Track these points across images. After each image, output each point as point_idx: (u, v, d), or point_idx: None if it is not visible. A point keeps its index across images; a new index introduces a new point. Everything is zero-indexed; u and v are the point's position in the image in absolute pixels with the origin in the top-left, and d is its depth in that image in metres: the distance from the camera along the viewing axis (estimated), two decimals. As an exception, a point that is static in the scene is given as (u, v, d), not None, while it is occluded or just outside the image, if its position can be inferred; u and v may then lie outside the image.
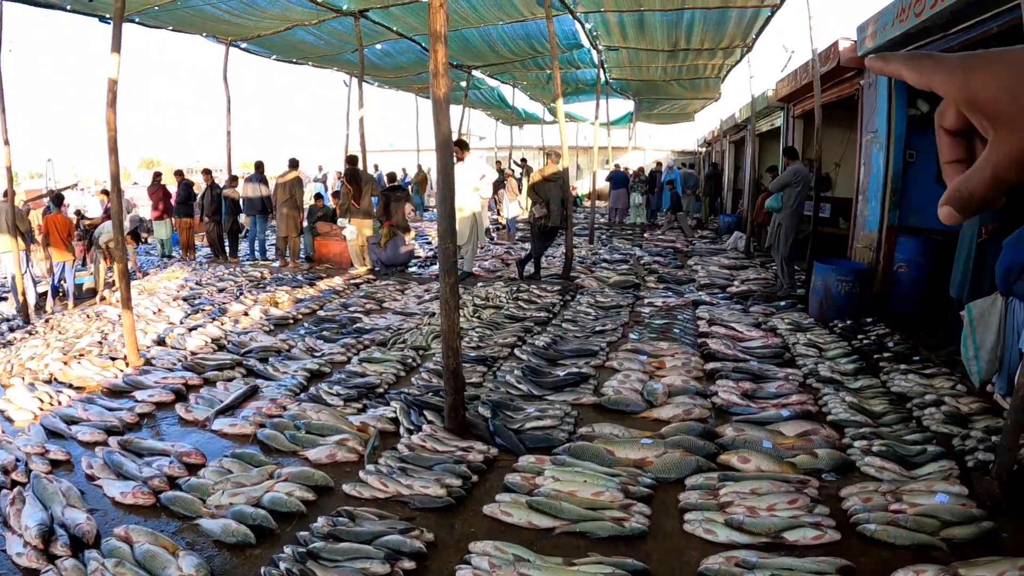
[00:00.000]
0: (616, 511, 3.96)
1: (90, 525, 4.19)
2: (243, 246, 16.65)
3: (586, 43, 16.05)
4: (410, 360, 7.14)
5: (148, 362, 7.62)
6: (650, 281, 11.49)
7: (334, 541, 3.78)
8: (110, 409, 6.26)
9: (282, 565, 3.59)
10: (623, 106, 28.86)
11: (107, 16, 12.06)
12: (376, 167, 27.69)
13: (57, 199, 13.10)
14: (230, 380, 6.79)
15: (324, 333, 8.29)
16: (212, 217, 15.45)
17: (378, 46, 16.18)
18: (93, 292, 12.80)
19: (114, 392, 6.81)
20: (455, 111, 22.49)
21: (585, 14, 13.62)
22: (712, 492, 4.15)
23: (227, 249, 15.62)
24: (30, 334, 10.18)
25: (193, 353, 7.83)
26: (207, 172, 15.89)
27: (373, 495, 4.38)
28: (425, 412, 5.53)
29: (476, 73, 20.76)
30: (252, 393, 6.30)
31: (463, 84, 21.23)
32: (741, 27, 13.70)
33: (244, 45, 15.72)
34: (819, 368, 6.50)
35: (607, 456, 4.65)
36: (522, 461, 4.66)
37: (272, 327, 8.89)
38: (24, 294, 11.28)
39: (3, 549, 4.24)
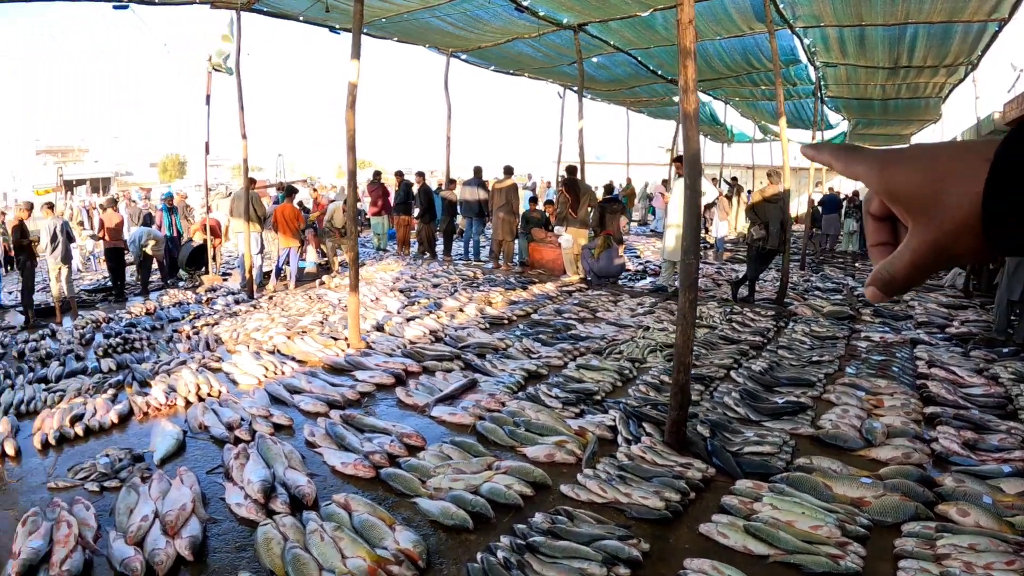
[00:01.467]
0: (832, 547, 3.75)
1: (310, 488, 4.44)
2: (457, 246, 17.23)
3: (804, 59, 15.42)
4: (627, 371, 7.06)
5: (368, 345, 8.08)
6: (865, 314, 10.78)
7: (553, 538, 3.78)
8: (332, 384, 6.70)
9: (499, 553, 3.64)
10: (837, 127, 27.41)
11: (336, 27, 13.03)
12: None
13: (289, 190, 14.27)
14: (448, 371, 7.02)
15: (540, 336, 8.41)
16: (422, 217, 16.27)
17: (594, 59, 16.32)
18: (312, 277, 13.70)
19: (335, 369, 7.30)
20: (669, 126, 22.21)
21: (804, 29, 13.11)
22: (929, 542, 3.84)
23: (439, 248, 16.22)
24: (254, 308, 11.08)
25: (412, 342, 8.19)
26: (420, 175, 16.67)
27: (590, 499, 4.36)
28: (644, 424, 5.45)
29: None
30: (471, 386, 6.48)
31: (676, 99, 20.87)
32: (966, 43, 12.62)
33: (464, 56, 16.36)
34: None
35: (824, 491, 4.41)
36: (740, 484, 4.49)
37: (487, 325, 9.14)
38: (251, 272, 12.28)
39: (223, 498, 4.58)
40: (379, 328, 9.00)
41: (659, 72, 17.53)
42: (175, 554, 3.87)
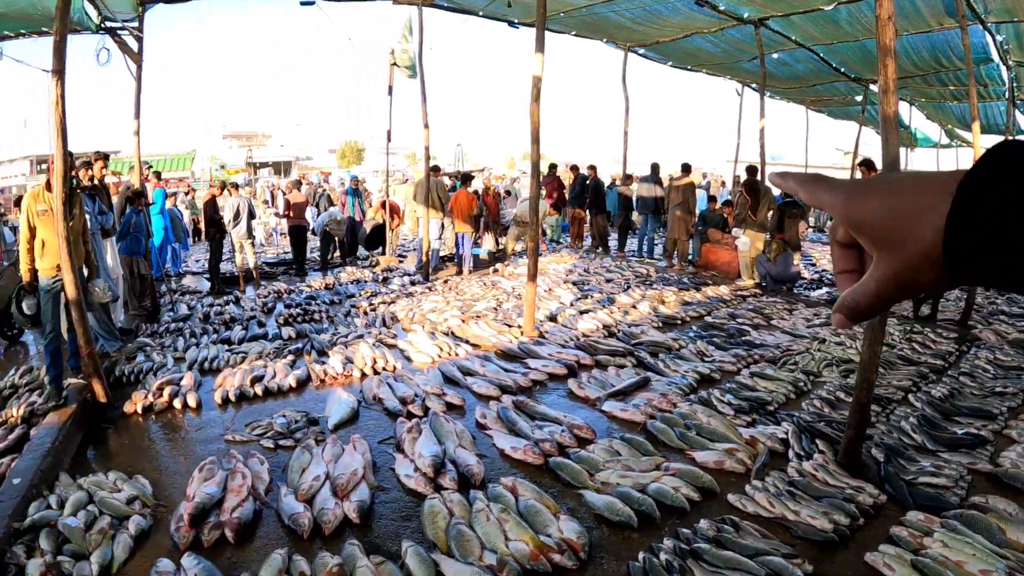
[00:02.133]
0: None
1: (479, 468, 4.51)
2: (631, 242, 17.12)
3: (996, 58, 14.04)
4: (801, 384, 6.74)
5: (541, 335, 8.14)
6: None
7: (717, 546, 3.65)
8: (505, 370, 6.79)
9: (662, 555, 3.56)
10: None
11: (516, 21, 13.12)
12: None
13: (465, 178, 14.63)
14: (621, 367, 6.94)
15: (714, 340, 8.19)
16: (591, 210, 16.22)
17: (775, 55, 15.56)
18: (486, 264, 13.94)
19: (508, 355, 7.40)
20: (851, 127, 21.01)
21: (997, 24, 11.96)
22: None
23: (612, 244, 16.13)
24: (429, 290, 11.43)
25: (584, 335, 8.16)
26: (592, 168, 16.61)
27: (756, 511, 4.18)
28: (817, 441, 5.17)
29: (874, 88, 19.02)
30: (643, 384, 6.38)
31: (858, 99, 19.79)
32: None
33: (642, 51, 16.11)
34: None
35: (998, 534, 3.99)
36: (910, 516, 4.15)
37: (660, 324, 8.98)
38: (428, 255, 12.68)
39: (392, 468, 4.74)
40: (552, 318, 9.04)
41: (842, 70, 16.56)
42: (342, 515, 4.06)
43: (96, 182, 8.52)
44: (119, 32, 9.96)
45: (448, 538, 3.73)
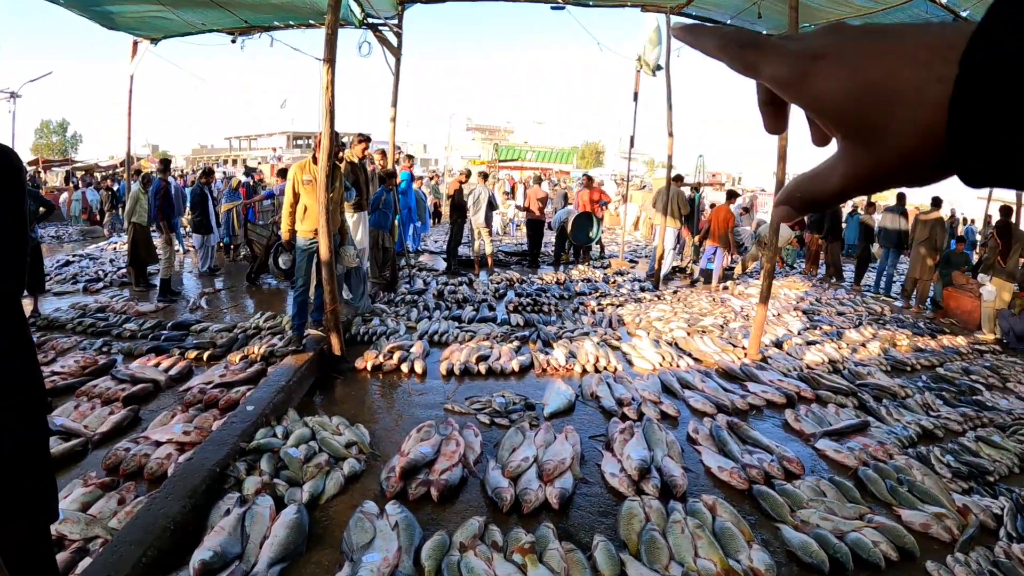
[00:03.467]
0: None
1: (683, 480, 4.62)
2: (869, 277, 16.22)
3: None
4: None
5: (764, 359, 8.06)
6: None
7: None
8: (724, 389, 6.83)
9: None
10: None
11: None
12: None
13: (731, 195, 14.45)
14: (841, 406, 6.75)
15: (943, 394, 7.70)
16: (826, 236, 15.74)
17: None
18: (720, 280, 13.85)
19: (728, 375, 7.39)
20: None
21: None
22: None
23: (848, 275, 15.47)
24: (658, 298, 11.53)
25: (809, 367, 7.98)
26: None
27: (953, 588, 3.98)
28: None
29: None
30: (862, 428, 6.17)
31: None
32: None
33: None
34: None
35: None
36: None
37: (889, 368, 8.56)
38: (660, 263, 12.78)
39: (598, 464, 4.95)
40: (777, 344, 8.89)
41: None
42: (543, 498, 4.31)
43: (358, 161, 9.34)
44: (380, 28, 10.79)
45: (639, 541, 3.86)
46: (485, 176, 14.98)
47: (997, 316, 11.33)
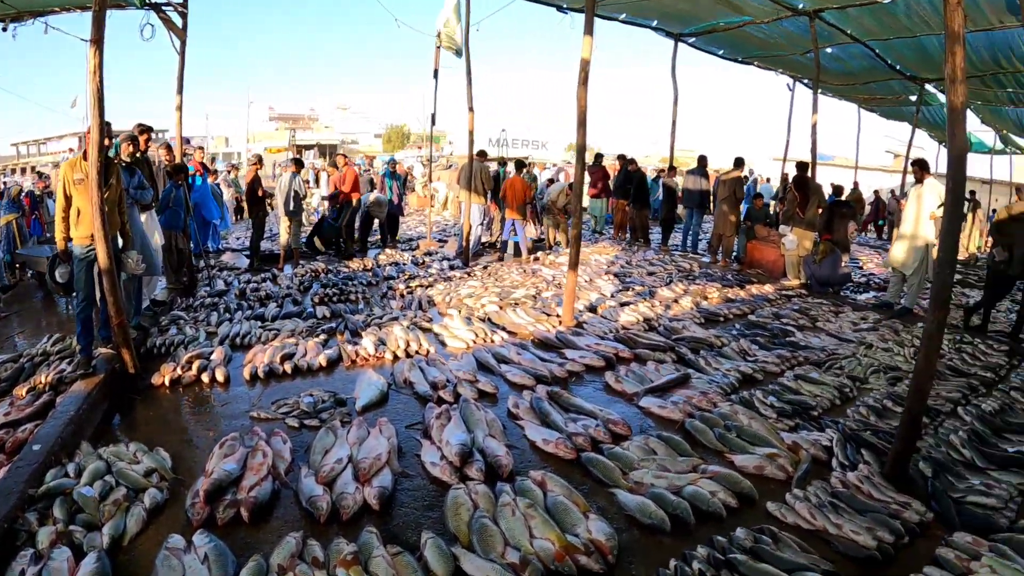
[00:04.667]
0: None
1: (508, 459, 4.33)
2: (675, 236, 16.79)
3: None
4: (847, 390, 6.39)
5: (580, 325, 7.91)
6: None
7: (754, 558, 3.42)
8: (541, 359, 6.59)
9: (695, 564, 3.35)
10: None
11: (564, 6, 12.70)
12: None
13: (519, 165, 14.40)
14: (661, 362, 6.70)
15: (758, 339, 7.91)
16: (634, 203, 16.00)
17: (828, 49, 15.01)
18: (529, 251, 13.76)
19: (545, 344, 7.19)
20: (904, 129, 20.27)
21: None
22: None
23: (656, 237, 15.85)
24: (468, 275, 11.29)
25: (624, 327, 7.92)
26: (632, 162, 16.34)
27: (796, 522, 3.93)
28: (863, 451, 4.89)
29: (929, 88, 18.34)
30: (683, 380, 6.13)
31: (913, 98, 19.03)
32: None
33: (692, 40, 15.70)
34: None
35: None
36: (957, 537, 3.85)
37: (703, 320, 8.71)
38: (468, 240, 12.53)
39: (418, 455, 4.59)
40: (592, 309, 8.81)
41: (897, 67, 15.91)
42: (362, 501, 3.92)
43: (139, 155, 8.45)
44: (164, 7, 9.92)
45: (470, 531, 3.56)
46: (299, 164, 14.11)
47: (801, 263, 11.98)
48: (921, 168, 9.85)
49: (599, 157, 18.13)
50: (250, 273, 11.67)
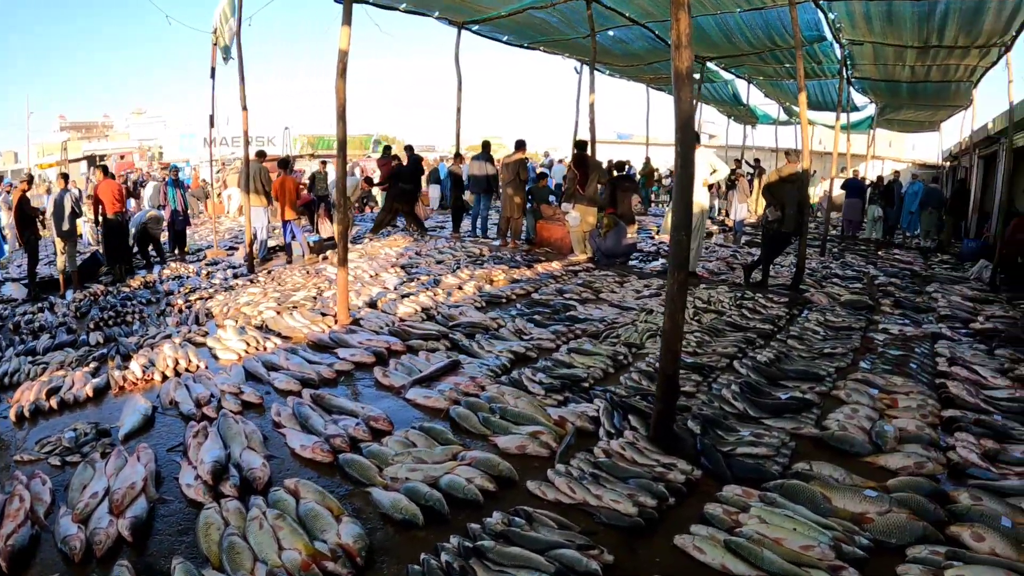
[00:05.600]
0: (823, 572, 3.28)
1: (263, 472, 4.16)
2: (467, 223, 16.93)
3: (829, 35, 14.73)
4: (621, 357, 6.63)
5: (356, 322, 7.79)
6: (885, 305, 10.09)
7: (505, 543, 3.42)
8: (310, 362, 6.42)
9: (443, 556, 3.31)
10: (864, 110, 26.49)
11: None
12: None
13: (284, 163, 14.02)
14: (433, 351, 6.70)
15: (536, 316, 8.06)
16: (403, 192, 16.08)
17: (610, 32, 15.74)
18: (318, 250, 13.49)
19: (319, 347, 7.00)
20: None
21: (829, 3, 12.52)
22: (936, 570, 3.34)
23: (428, 223, 15.92)
24: (251, 282, 10.88)
25: (401, 319, 7.86)
26: (408, 148, 16.43)
27: (557, 498, 3.96)
28: (630, 416, 5.01)
29: (710, 65, 19.58)
30: (453, 367, 6.13)
31: (696, 76, 20.07)
32: (1000, 21, 11.98)
33: (476, 28, 15.92)
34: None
35: (822, 503, 3.92)
36: (726, 491, 4.03)
37: (484, 304, 8.79)
38: (251, 246, 12.11)
39: (176, 477, 4.33)
40: (372, 305, 8.70)
41: None
42: (116, 534, 3.65)
43: None
44: None
45: (220, 551, 3.39)
46: (66, 178, 13.05)
47: (587, 238, 12.37)
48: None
49: (388, 148, 17.93)
50: (29, 304, 10.81)
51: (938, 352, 7.31)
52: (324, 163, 19.43)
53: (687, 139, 4.49)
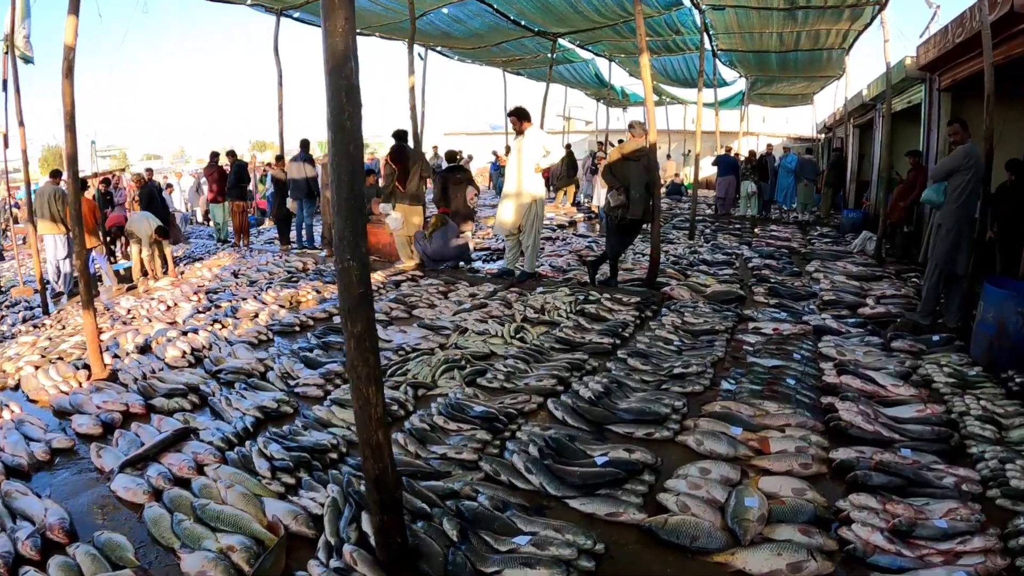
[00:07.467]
0: None
1: None
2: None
3: (686, 1, 14.27)
4: (396, 407, 5.38)
5: (113, 375, 6.60)
6: (759, 293, 9.48)
7: None
8: (29, 439, 5.15)
9: None
10: (734, 86, 26.67)
11: None
12: (435, 149, 26.81)
13: (82, 184, 12.77)
14: (171, 412, 5.51)
15: (315, 352, 6.96)
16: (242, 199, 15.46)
17: (444, 10, 14.92)
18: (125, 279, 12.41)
19: (60, 412, 5.82)
20: (540, 87, 20.75)
21: None
22: None
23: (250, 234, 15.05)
24: (35, 327, 9.64)
25: (169, 365, 6.78)
26: (231, 154, 15.74)
27: None
28: (364, 513, 3.55)
29: (563, 42, 18.82)
30: (183, 436, 4.97)
31: (550, 56, 19.32)
32: None
33: (297, 15, 15.01)
34: (1007, 470, 4.08)
35: None
36: None
37: (269, 336, 7.77)
38: (40, 282, 10.88)
39: None
40: (144, 348, 7.43)
41: (522, 23, 16.00)
42: None
43: None
44: None
45: None
46: None
47: (412, 241, 11.33)
48: (520, 118, 9.50)
49: (215, 156, 16.72)
50: None
51: (823, 354, 6.64)
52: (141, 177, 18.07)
53: (352, 101, 2.90)
